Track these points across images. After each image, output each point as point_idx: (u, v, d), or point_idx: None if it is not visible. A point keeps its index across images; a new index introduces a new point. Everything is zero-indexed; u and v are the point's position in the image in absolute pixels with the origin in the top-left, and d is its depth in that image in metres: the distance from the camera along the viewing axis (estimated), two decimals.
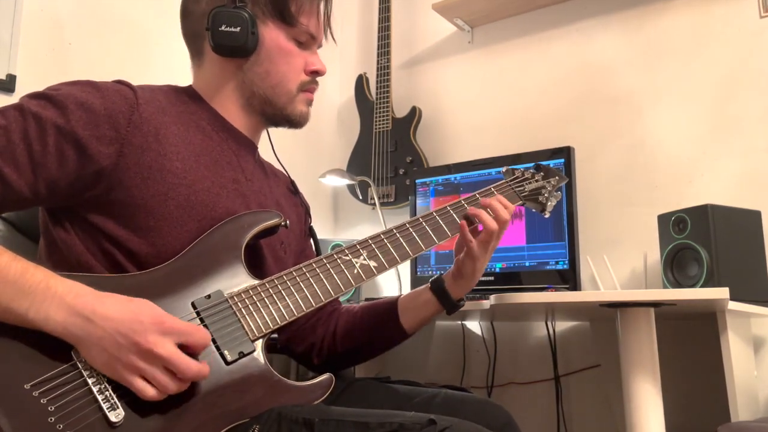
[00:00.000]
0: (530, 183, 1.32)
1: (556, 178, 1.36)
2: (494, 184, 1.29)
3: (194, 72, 1.20)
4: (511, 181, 1.32)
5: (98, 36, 2.10)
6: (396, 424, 0.88)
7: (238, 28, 1.09)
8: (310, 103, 1.20)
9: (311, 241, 1.33)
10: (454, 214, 1.21)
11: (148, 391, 0.86)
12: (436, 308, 1.27)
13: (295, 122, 1.19)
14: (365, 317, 1.27)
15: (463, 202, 1.24)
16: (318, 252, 1.32)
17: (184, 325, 0.89)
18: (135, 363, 0.85)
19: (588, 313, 1.91)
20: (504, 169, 1.35)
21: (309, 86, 1.18)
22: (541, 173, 1.35)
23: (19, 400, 0.83)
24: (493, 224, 1.18)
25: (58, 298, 0.86)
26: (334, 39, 1.22)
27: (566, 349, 2.17)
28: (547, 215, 1.34)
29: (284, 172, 1.34)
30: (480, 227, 1.20)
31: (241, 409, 0.93)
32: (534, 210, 1.34)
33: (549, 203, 1.34)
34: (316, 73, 1.18)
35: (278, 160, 1.33)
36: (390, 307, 1.27)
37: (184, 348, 0.89)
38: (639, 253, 2.00)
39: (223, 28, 1.10)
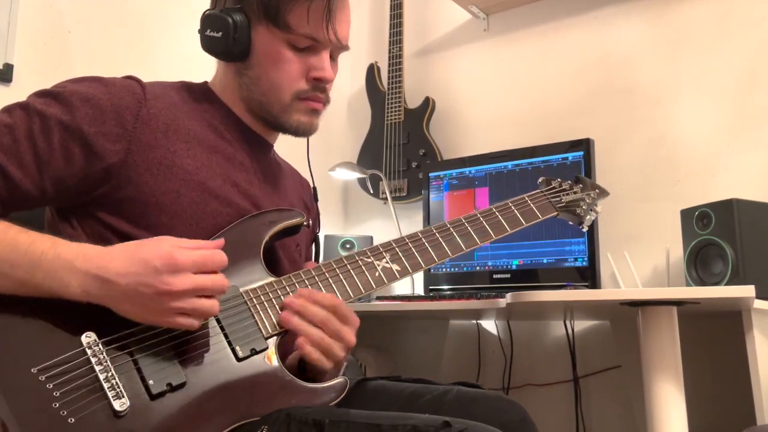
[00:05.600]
0: (568, 194, 1.30)
1: (597, 191, 1.33)
2: (528, 194, 1.25)
3: (216, 67, 1.19)
4: (546, 191, 1.29)
5: (98, 24, 2.10)
6: (409, 426, 0.86)
7: (220, 33, 1.07)
8: (312, 112, 1.13)
9: (312, 249, 1.31)
10: (484, 221, 1.18)
11: (193, 324, 0.88)
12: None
13: (292, 132, 1.14)
14: None
15: (494, 210, 1.20)
16: (317, 259, 1.30)
17: (197, 255, 0.89)
18: (168, 305, 0.86)
19: (608, 312, 1.91)
20: (540, 179, 1.32)
21: (309, 95, 1.10)
22: (580, 185, 1.32)
23: (25, 384, 0.83)
24: (316, 333, 0.99)
25: (69, 264, 0.87)
26: (340, 41, 1.11)
27: (585, 350, 2.16)
28: (585, 229, 1.32)
29: (309, 177, 1.31)
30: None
31: (250, 408, 0.92)
32: (571, 222, 1.32)
33: (588, 217, 1.31)
34: (318, 81, 1.10)
35: (309, 167, 1.28)
36: None
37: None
38: (661, 249, 1.97)
39: (207, 32, 1.09)
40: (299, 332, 0.98)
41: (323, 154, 2.68)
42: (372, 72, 2.73)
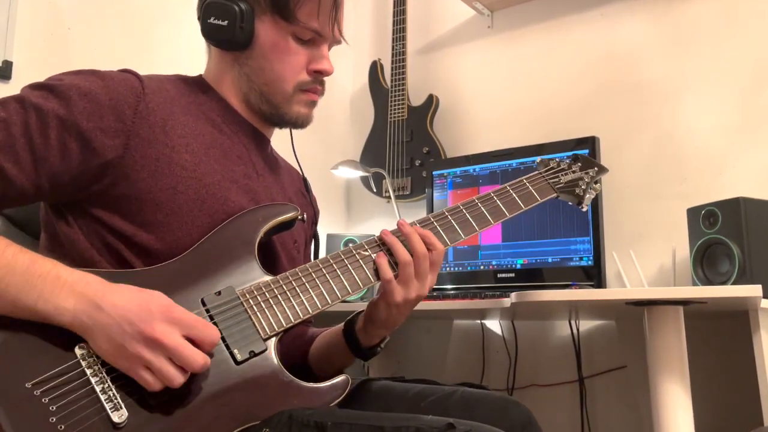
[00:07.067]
0: (566, 174, 1.28)
1: (595, 169, 1.31)
2: (526, 176, 1.24)
3: (207, 59, 1.18)
4: (544, 172, 1.27)
5: (98, 20, 2.09)
6: (412, 428, 0.86)
7: (226, 22, 1.07)
8: (311, 104, 1.15)
9: (312, 247, 1.30)
10: (482, 207, 1.16)
11: (152, 384, 0.85)
12: (348, 356, 1.16)
13: (291, 123, 1.15)
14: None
15: (492, 195, 1.18)
16: (317, 257, 1.26)
17: (193, 318, 0.88)
18: (140, 353, 0.84)
19: (613, 312, 1.89)
20: (538, 159, 1.30)
21: (310, 86, 1.12)
22: (579, 164, 1.30)
23: (20, 399, 0.82)
24: (405, 255, 1.05)
25: (69, 287, 0.86)
26: (343, 38, 1.16)
27: (591, 350, 2.15)
28: (585, 209, 1.30)
29: (298, 169, 1.30)
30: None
31: (251, 411, 0.91)
32: (570, 203, 1.30)
33: (587, 196, 1.29)
34: (319, 73, 1.12)
35: (296, 157, 1.29)
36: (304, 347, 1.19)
37: (191, 342, 0.87)
38: (667, 248, 1.96)
39: (211, 20, 1.08)
40: (393, 249, 1.03)
41: (326, 152, 2.67)
42: (375, 69, 2.72)
